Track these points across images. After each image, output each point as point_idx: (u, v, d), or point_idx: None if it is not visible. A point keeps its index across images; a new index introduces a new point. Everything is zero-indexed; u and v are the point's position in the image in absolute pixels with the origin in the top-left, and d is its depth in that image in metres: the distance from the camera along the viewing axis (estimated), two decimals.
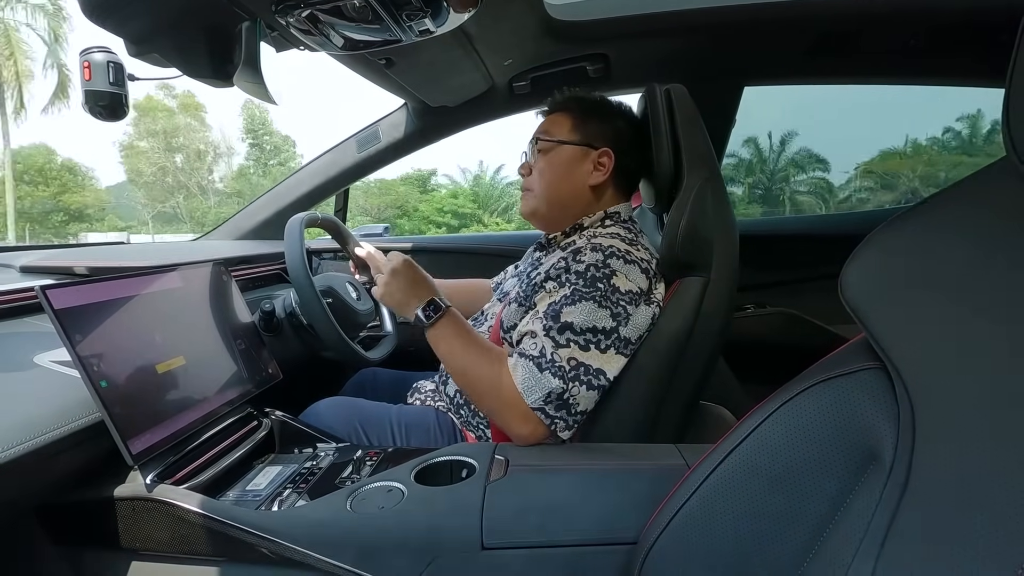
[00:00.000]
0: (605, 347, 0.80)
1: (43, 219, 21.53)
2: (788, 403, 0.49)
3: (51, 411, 0.63)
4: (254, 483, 0.80)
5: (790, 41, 1.29)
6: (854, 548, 0.41)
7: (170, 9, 0.86)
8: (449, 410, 1.02)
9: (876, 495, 0.41)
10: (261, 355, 0.98)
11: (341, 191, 1.75)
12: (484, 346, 0.86)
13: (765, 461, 0.49)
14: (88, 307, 0.69)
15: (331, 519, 0.67)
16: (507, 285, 1.13)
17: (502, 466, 0.74)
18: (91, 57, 0.88)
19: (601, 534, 0.66)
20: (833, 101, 16.19)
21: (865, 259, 0.48)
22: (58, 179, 21.89)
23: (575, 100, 1.01)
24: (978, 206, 0.43)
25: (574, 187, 0.97)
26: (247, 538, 0.66)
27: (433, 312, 0.87)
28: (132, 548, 0.70)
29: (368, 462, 0.83)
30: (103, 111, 0.90)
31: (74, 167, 22.78)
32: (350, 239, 1.27)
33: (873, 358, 0.46)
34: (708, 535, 0.52)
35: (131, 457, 0.66)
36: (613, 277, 0.82)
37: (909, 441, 0.40)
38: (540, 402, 0.78)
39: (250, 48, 0.89)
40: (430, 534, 0.65)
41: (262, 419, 0.92)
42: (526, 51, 1.29)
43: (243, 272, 1.36)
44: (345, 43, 0.93)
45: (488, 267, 1.41)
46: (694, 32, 1.28)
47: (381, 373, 1.27)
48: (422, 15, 0.84)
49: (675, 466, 0.73)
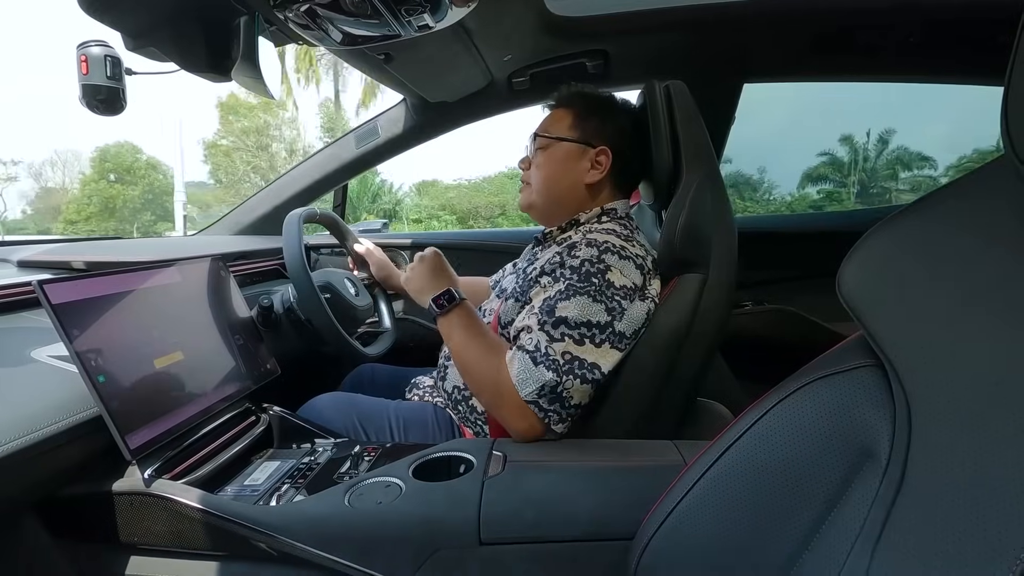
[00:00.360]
0: (599, 341, 0.81)
1: (133, 218, 21.35)
2: (785, 400, 0.50)
3: (49, 406, 0.63)
4: (252, 478, 0.80)
5: (790, 38, 1.29)
6: (850, 544, 0.41)
7: (168, 3, 0.85)
8: (447, 406, 1.02)
9: (872, 492, 0.41)
10: (259, 350, 0.98)
11: (340, 186, 1.75)
12: (490, 340, 0.87)
13: (762, 457, 0.50)
14: (86, 302, 0.69)
15: (329, 514, 0.68)
16: (505, 282, 1.13)
17: (500, 462, 0.74)
18: (88, 51, 0.88)
19: (598, 530, 0.66)
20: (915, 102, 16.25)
21: (862, 257, 0.48)
22: (145, 177, 21.63)
23: (579, 96, 1.01)
24: (976, 204, 0.43)
25: (570, 184, 0.97)
26: (245, 533, 0.66)
27: (447, 302, 0.90)
28: (130, 543, 0.70)
29: (366, 457, 0.84)
30: (100, 105, 0.90)
31: (156, 164, 22.55)
32: (349, 235, 1.27)
33: (870, 356, 0.46)
34: (705, 531, 0.52)
35: (129, 452, 0.66)
36: (608, 272, 0.83)
37: (905, 438, 0.40)
38: (534, 395, 0.78)
39: (248, 42, 0.88)
40: (428, 529, 0.66)
41: (260, 414, 0.92)
42: (525, 47, 1.29)
43: (241, 267, 1.36)
44: (343, 38, 0.93)
45: (489, 263, 1.41)
46: (693, 28, 1.28)
47: (379, 369, 1.27)
48: (421, 10, 0.84)
49: (672, 462, 0.73)
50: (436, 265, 0.98)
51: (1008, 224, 0.40)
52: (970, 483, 0.35)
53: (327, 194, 1.74)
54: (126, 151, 21.79)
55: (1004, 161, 0.41)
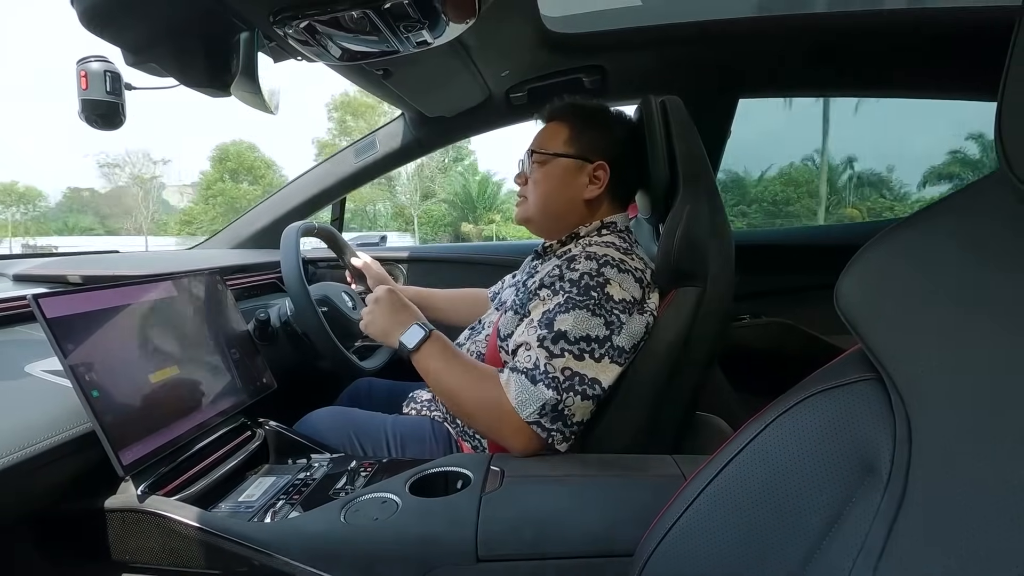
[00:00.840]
0: (599, 356, 0.80)
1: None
2: (784, 414, 0.49)
3: (42, 421, 0.63)
4: (247, 494, 0.79)
5: (785, 53, 1.31)
6: (851, 560, 0.41)
7: (168, 19, 0.86)
8: (445, 420, 1.01)
9: (873, 507, 0.41)
10: (255, 364, 0.98)
11: (338, 200, 1.75)
12: (472, 366, 0.85)
13: (762, 472, 0.49)
14: (81, 316, 0.69)
15: (325, 531, 0.67)
16: (505, 294, 1.13)
17: (497, 477, 0.73)
18: (88, 66, 0.88)
19: (597, 546, 0.65)
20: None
21: (860, 270, 0.48)
22: (264, 177, 21.39)
23: (574, 109, 1.00)
24: (973, 218, 0.43)
25: (568, 200, 0.97)
26: (239, 551, 0.65)
27: (415, 336, 0.86)
28: (122, 560, 0.69)
29: (363, 473, 0.83)
30: (99, 120, 0.90)
31: (271, 163, 22.35)
32: (346, 249, 1.27)
33: (869, 369, 0.46)
34: (705, 546, 0.51)
35: (122, 468, 0.65)
36: (607, 286, 0.82)
37: (905, 453, 0.40)
38: (535, 415, 0.77)
39: (247, 58, 0.89)
40: (425, 546, 0.65)
41: (256, 429, 0.91)
42: (523, 62, 1.30)
43: (238, 281, 1.36)
44: (343, 54, 0.94)
45: (486, 277, 1.41)
46: (689, 44, 1.29)
47: (376, 383, 1.26)
48: (420, 27, 0.85)
49: (671, 477, 0.73)
50: (394, 302, 0.92)
51: (1004, 237, 0.40)
52: (972, 497, 0.34)
53: (325, 208, 1.74)
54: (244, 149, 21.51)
55: (998, 175, 0.42)
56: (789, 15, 1.20)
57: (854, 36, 1.23)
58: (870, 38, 1.23)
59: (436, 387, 0.86)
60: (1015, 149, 0.36)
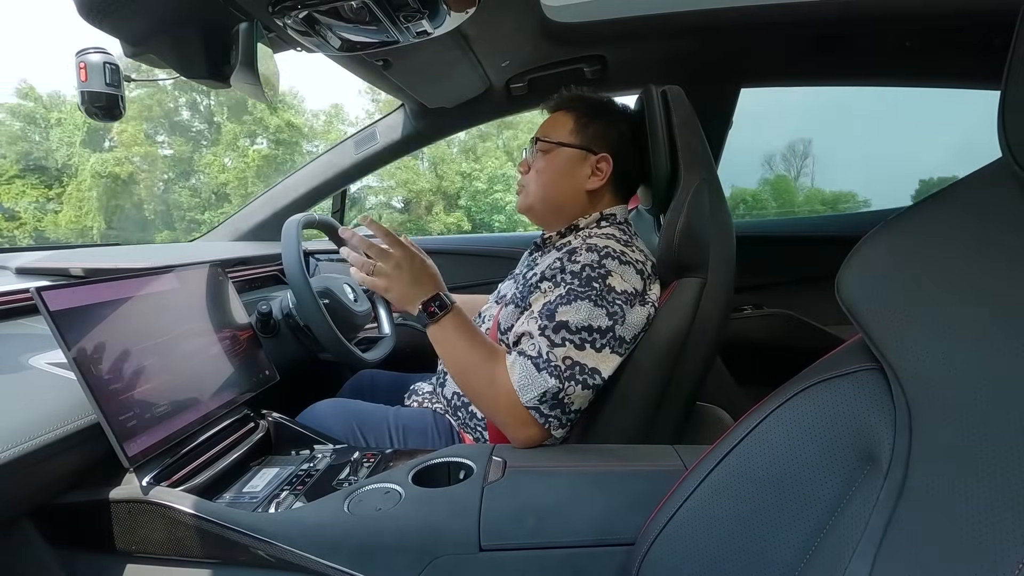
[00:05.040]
0: (600, 346, 0.80)
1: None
2: (785, 404, 0.49)
3: (46, 413, 0.63)
4: (251, 485, 0.79)
5: (787, 43, 1.30)
6: (851, 549, 0.41)
7: (167, 10, 0.85)
8: (447, 412, 1.02)
9: (873, 497, 0.41)
10: (258, 357, 0.98)
11: (338, 192, 1.75)
12: (486, 346, 0.85)
13: (762, 462, 0.49)
14: (84, 309, 0.69)
15: (328, 521, 0.67)
16: (504, 287, 1.13)
17: (500, 467, 0.74)
18: (87, 58, 0.88)
19: (598, 535, 0.66)
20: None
21: (861, 260, 0.48)
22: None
23: (579, 100, 1.01)
24: (975, 208, 0.43)
25: (570, 190, 0.97)
26: (243, 540, 0.65)
27: (438, 309, 0.83)
28: (128, 551, 0.69)
29: (365, 464, 0.83)
30: (99, 111, 0.90)
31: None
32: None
33: (870, 359, 0.46)
34: (706, 536, 0.52)
35: (127, 459, 0.65)
36: (609, 277, 0.82)
37: (906, 443, 0.40)
38: (535, 401, 0.78)
39: (247, 49, 0.89)
40: (428, 536, 0.65)
41: (259, 421, 0.92)
42: (523, 53, 1.29)
43: (240, 273, 1.36)
44: (342, 44, 0.93)
45: (489, 268, 1.41)
46: (691, 34, 1.28)
47: (379, 375, 1.26)
48: (420, 16, 0.84)
49: (672, 467, 0.73)
50: (416, 269, 0.84)
51: (1006, 227, 0.40)
52: (971, 488, 0.34)
53: (326, 200, 1.74)
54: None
55: (1000, 165, 0.41)
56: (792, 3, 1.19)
57: (857, 24, 1.21)
58: (873, 26, 1.22)
59: (447, 362, 0.85)
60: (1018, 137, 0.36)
